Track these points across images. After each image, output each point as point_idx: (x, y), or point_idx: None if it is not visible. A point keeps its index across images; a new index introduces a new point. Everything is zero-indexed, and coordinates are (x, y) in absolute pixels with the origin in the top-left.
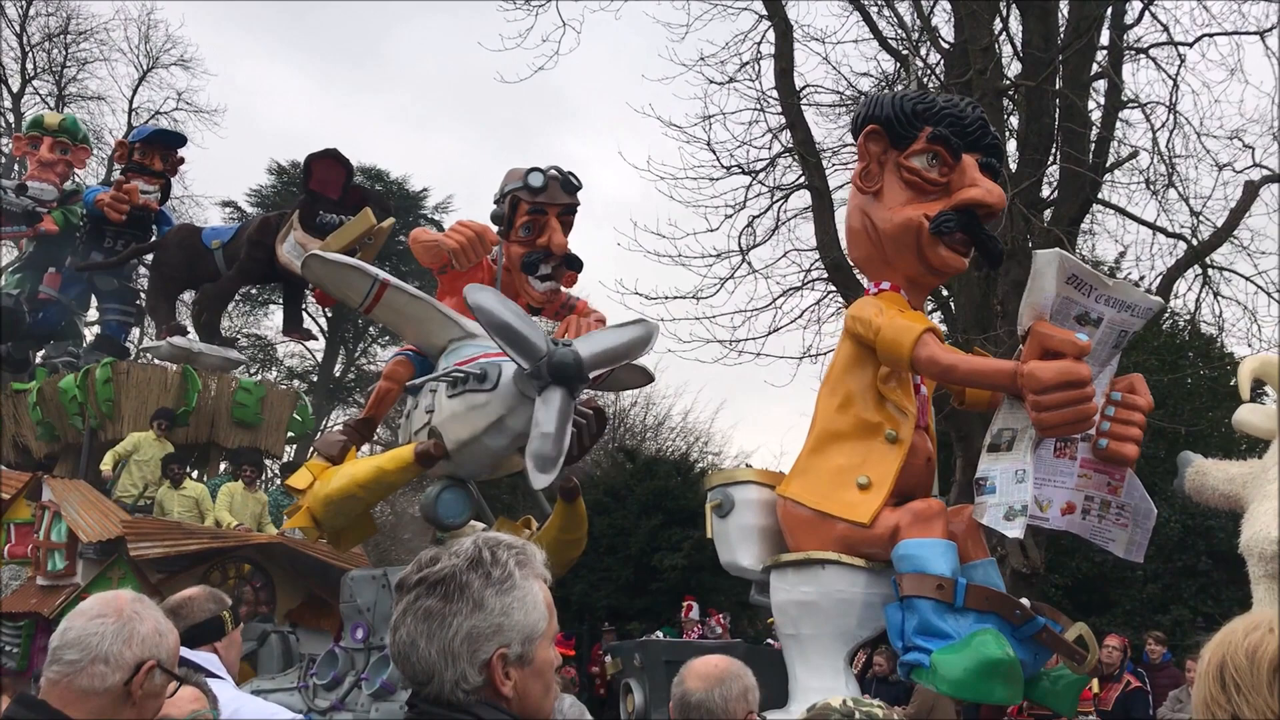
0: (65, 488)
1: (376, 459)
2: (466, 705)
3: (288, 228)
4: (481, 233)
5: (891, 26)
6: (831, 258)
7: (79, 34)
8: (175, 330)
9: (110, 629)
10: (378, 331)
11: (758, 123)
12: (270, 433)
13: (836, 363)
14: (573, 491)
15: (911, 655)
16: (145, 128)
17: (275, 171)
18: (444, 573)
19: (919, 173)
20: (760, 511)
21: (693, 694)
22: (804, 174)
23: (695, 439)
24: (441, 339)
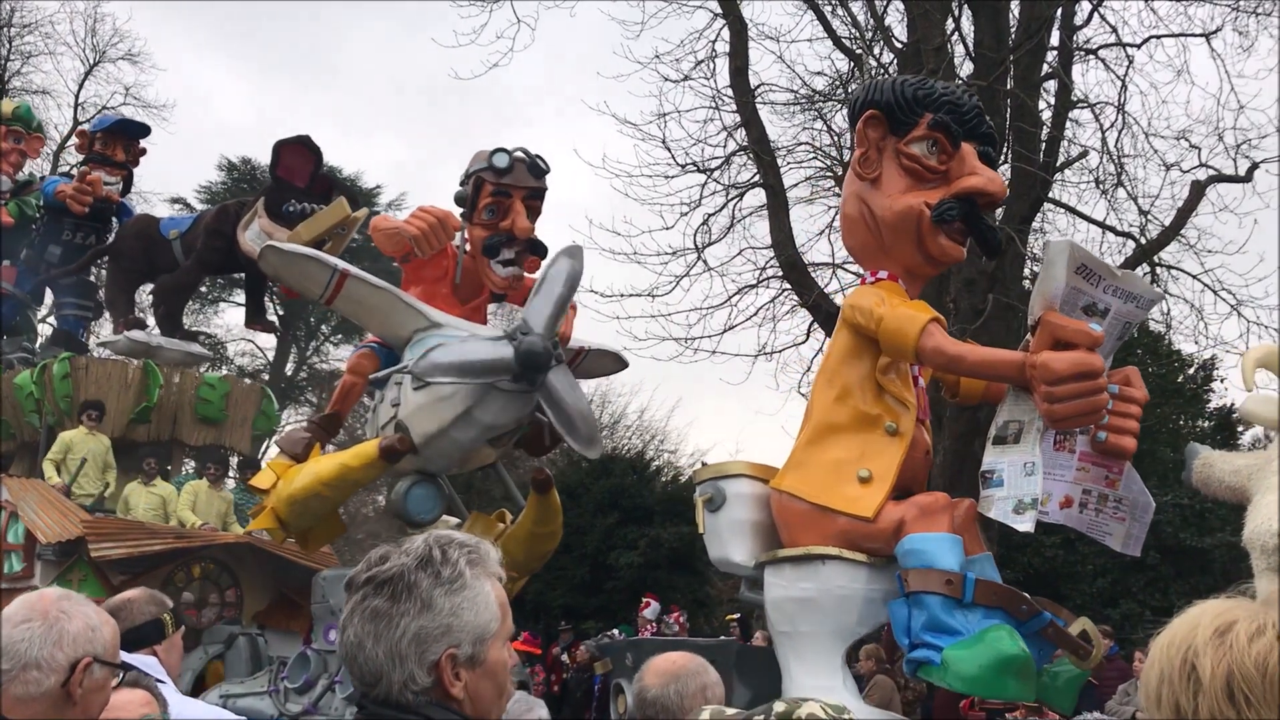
0: (22, 487)
1: (340, 456)
2: (416, 706)
3: (251, 215)
4: (443, 218)
5: (845, 26)
6: (786, 256)
7: (23, 26)
8: (133, 324)
9: (38, 633)
10: (330, 330)
11: (713, 121)
12: (235, 430)
13: (832, 353)
14: (545, 483)
15: (920, 652)
16: (108, 117)
17: (225, 168)
18: (392, 572)
19: (919, 160)
20: (753, 506)
21: (649, 690)
22: (759, 172)
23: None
24: (406, 330)
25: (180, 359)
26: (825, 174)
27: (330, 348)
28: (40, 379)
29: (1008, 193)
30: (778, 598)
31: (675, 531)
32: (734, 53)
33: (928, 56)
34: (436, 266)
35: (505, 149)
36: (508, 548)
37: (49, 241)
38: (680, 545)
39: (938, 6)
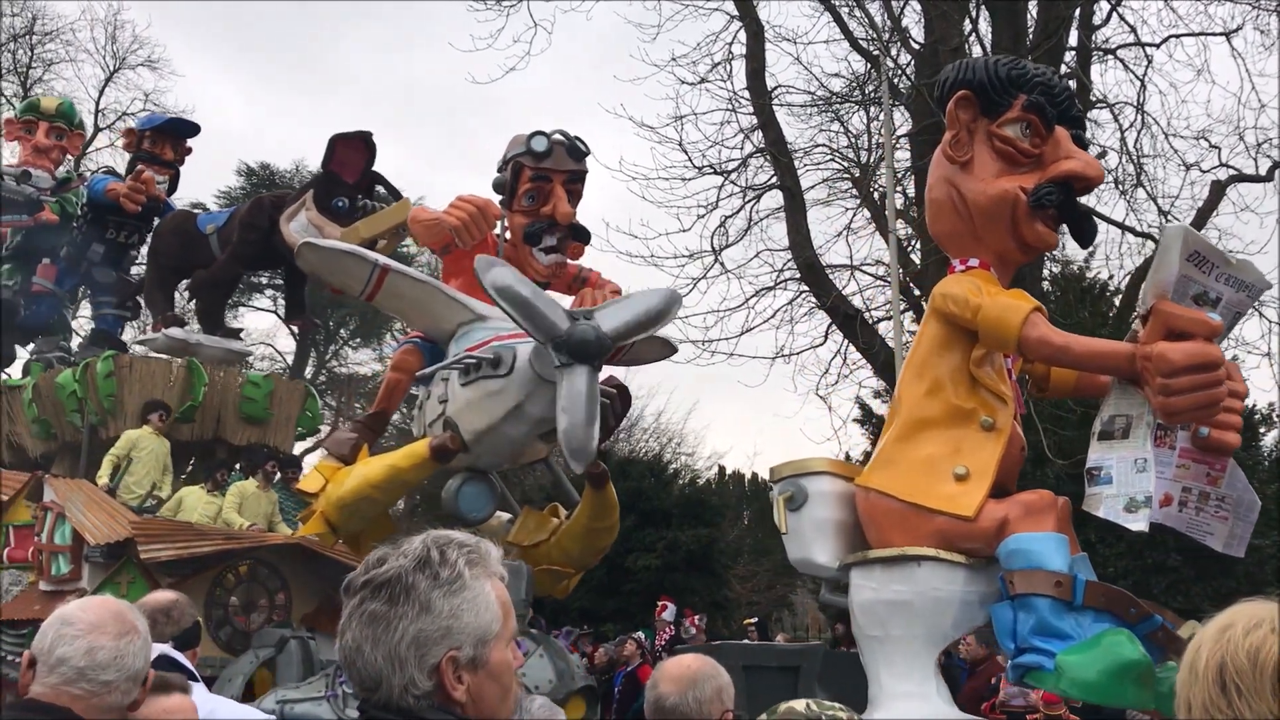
0: (68, 487)
1: (390, 457)
2: (419, 711)
3: (298, 206)
4: (483, 207)
5: (862, 27)
6: (804, 258)
7: (45, 34)
8: (171, 321)
9: (138, 648)
10: (349, 333)
11: (729, 123)
12: (279, 429)
13: (921, 345)
14: (601, 478)
15: (1028, 657)
16: (157, 116)
17: (244, 173)
18: (389, 574)
19: (1012, 142)
20: (836, 504)
21: (667, 698)
22: (776, 174)
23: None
24: (450, 323)
25: (220, 356)
26: (842, 175)
27: (349, 351)
28: (83, 378)
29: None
30: (867, 600)
31: (693, 534)
32: (751, 55)
33: (945, 57)
34: (477, 257)
35: (543, 132)
36: (563, 543)
37: (92, 240)
38: (697, 548)
39: (955, 7)
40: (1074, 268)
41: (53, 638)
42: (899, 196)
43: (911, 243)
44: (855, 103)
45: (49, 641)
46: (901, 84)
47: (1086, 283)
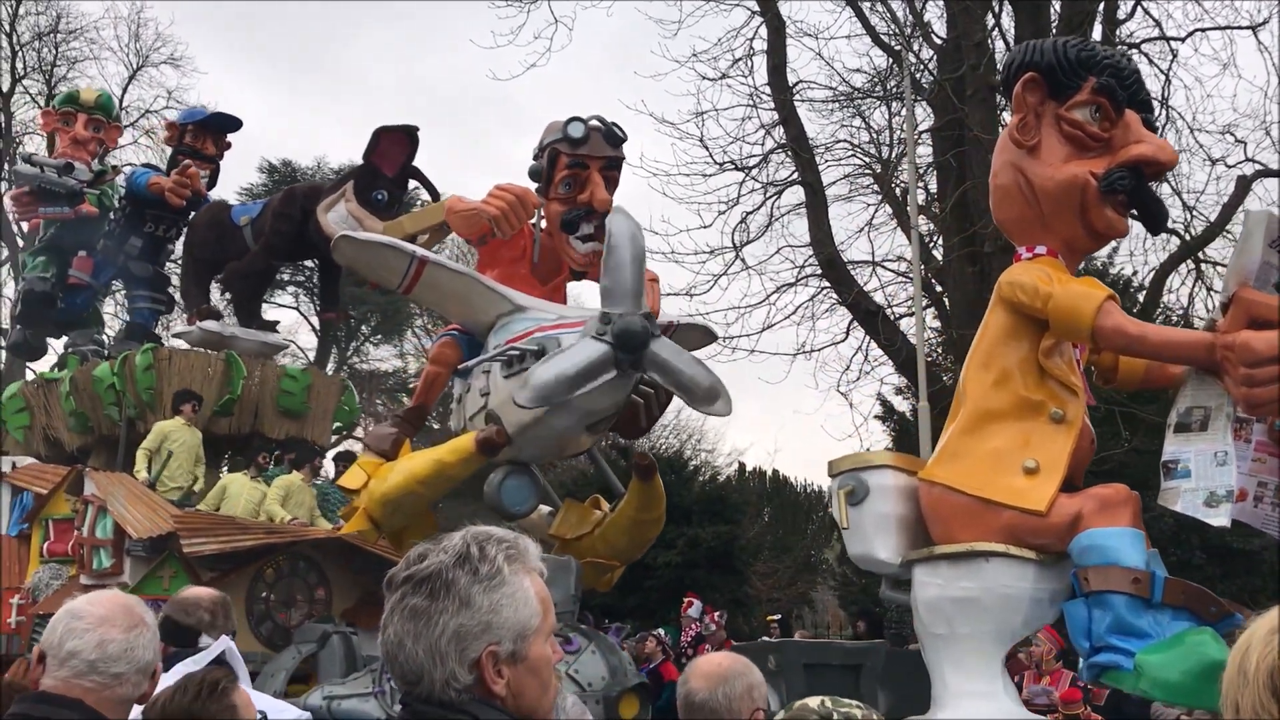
0: (109, 481)
1: (434, 452)
2: (461, 704)
3: (337, 196)
4: (522, 196)
5: (885, 22)
6: (825, 254)
7: (69, 33)
8: (206, 314)
9: (147, 640)
10: (370, 330)
11: (750, 119)
12: (316, 422)
13: (987, 335)
14: (649, 469)
15: (1105, 656)
16: (198, 110)
17: (266, 169)
18: (430, 570)
19: (1081, 126)
20: (898, 499)
21: (696, 694)
22: (797, 170)
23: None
24: (488, 315)
25: (256, 349)
26: (864, 171)
27: (370, 347)
28: (121, 371)
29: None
30: (933, 598)
31: (713, 531)
32: (772, 50)
33: (968, 53)
34: (514, 247)
35: (580, 118)
36: (608, 535)
37: (130, 233)
38: (718, 545)
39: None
40: (1097, 264)
41: (62, 631)
42: (921, 192)
43: (933, 238)
44: (877, 98)
45: (59, 635)
46: (924, 79)
47: (1110, 279)
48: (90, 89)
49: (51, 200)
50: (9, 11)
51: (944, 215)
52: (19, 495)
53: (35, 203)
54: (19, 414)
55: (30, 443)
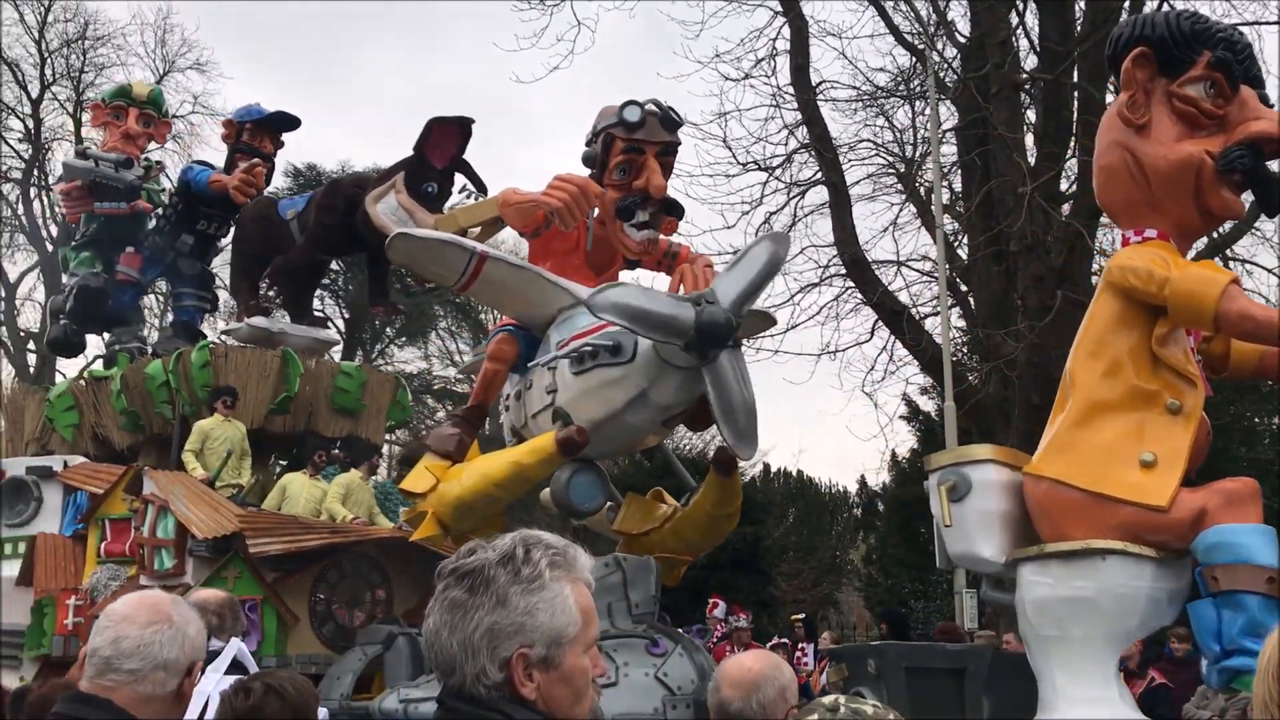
0: (169, 480)
1: (510, 453)
2: (494, 703)
3: (386, 188)
4: (584, 186)
5: (908, 21)
6: (849, 253)
7: (96, 39)
8: (255, 310)
9: (168, 637)
10: (395, 332)
11: (774, 119)
12: (370, 420)
13: (1095, 323)
14: (729, 464)
15: (1239, 660)
16: (255, 108)
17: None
18: (474, 565)
19: (1195, 103)
20: (1002, 495)
21: (731, 704)
22: (821, 170)
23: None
24: (549, 309)
25: (306, 345)
26: (888, 170)
27: (395, 349)
28: (176, 369)
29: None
30: (1043, 598)
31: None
32: (795, 50)
33: (992, 51)
34: (566, 238)
35: (636, 101)
36: (680, 530)
37: (182, 230)
38: (743, 546)
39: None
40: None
41: (93, 631)
42: (945, 191)
43: (958, 237)
44: (900, 97)
45: (91, 636)
46: (947, 78)
47: None
48: (142, 83)
49: (107, 195)
50: (38, 19)
51: (969, 214)
52: (71, 495)
53: (87, 197)
54: (68, 412)
55: (79, 441)
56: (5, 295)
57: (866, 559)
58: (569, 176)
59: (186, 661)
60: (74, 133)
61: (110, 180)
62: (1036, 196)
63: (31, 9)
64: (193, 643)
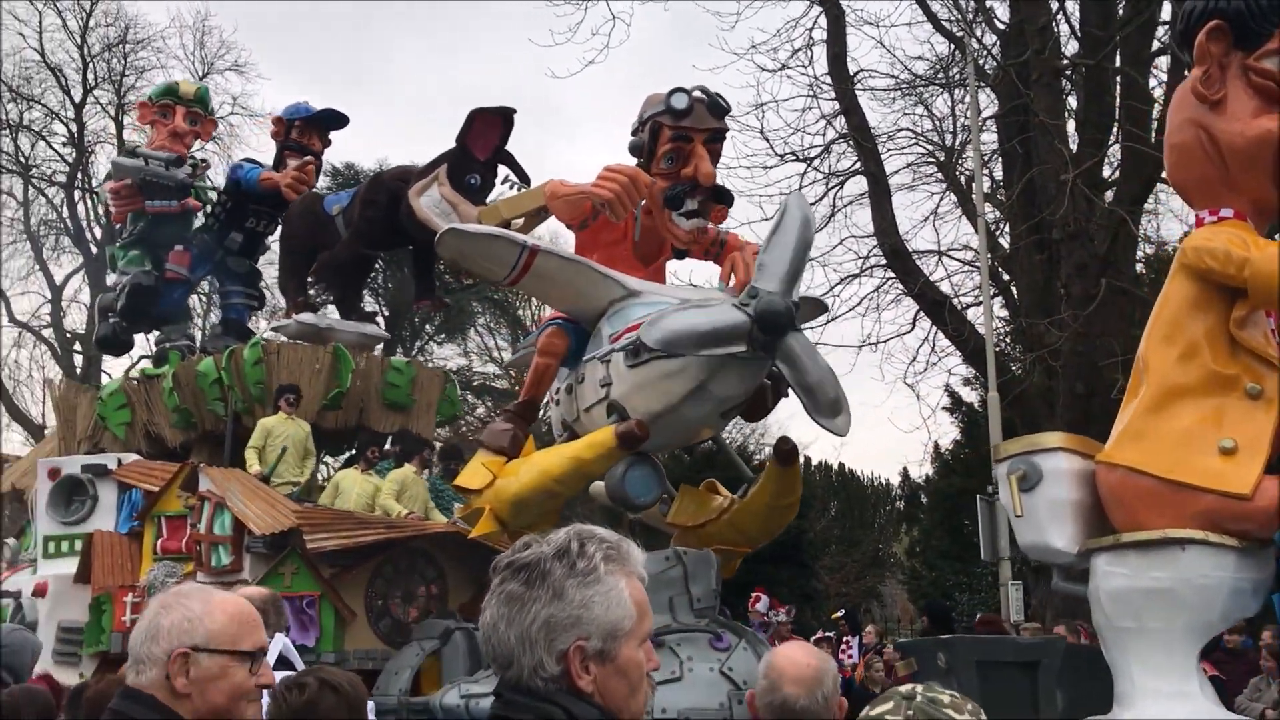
0: (225, 476)
1: (569, 448)
2: (551, 695)
3: (429, 180)
4: (634, 176)
5: (946, 8)
6: (889, 244)
7: (136, 43)
8: (303, 307)
9: (142, 629)
10: (434, 329)
11: (811, 109)
12: (420, 416)
13: (1169, 306)
14: (791, 454)
15: None
16: (304, 106)
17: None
18: (529, 559)
19: (1273, 77)
20: (1074, 483)
21: (796, 700)
22: (859, 160)
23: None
24: (600, 301)
25: (354, 341)
26: (928, 160)
27: (434, 346)
28: (229, 366)
29: None
30: (1119, 589)
31: None
32: (831, 39)
33: (1031, 37)
34: (614, 229)
35: (684, 88)
36: (738, 521)
37: (230, 228)
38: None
39: None
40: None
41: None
42: (986, 179)
43: (1000, 226)
44: (939, 85)
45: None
46: (987, 65)
47: None
48: (188, 81)
49: (158, 193)
50: (80, 24)
51: (1010, 202)
52: (126, 492)
53: (137, 196)
54: (120, 410)
55: (131, 439)
56: (52, 297)
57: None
58: (619, 167)
59: (162, 652)
60: (116, 136)
61: (161, 179)
62: (1079, 183)
63: (74, 14)
64: (168, 632)
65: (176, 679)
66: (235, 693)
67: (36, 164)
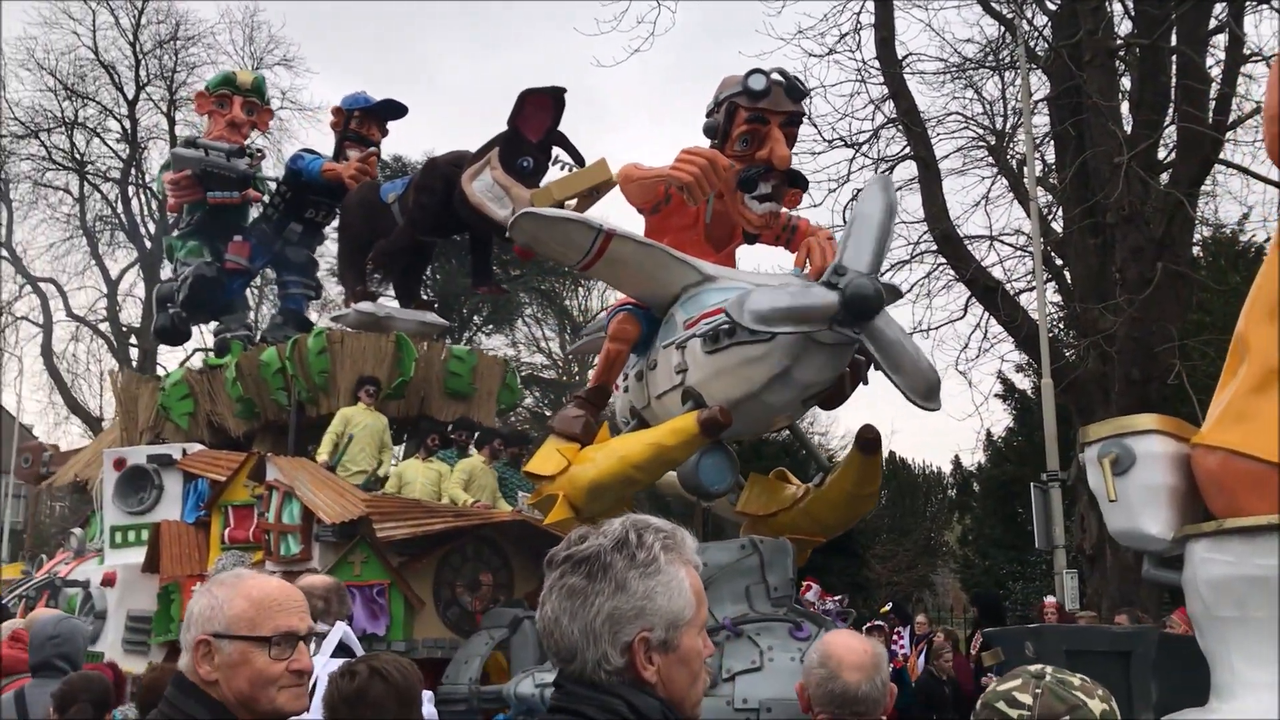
0: (292, 466)
1: (648, 435)
2: (613, 688)
3: (481, 165)
4: (713, 158)
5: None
6: (940, 229)
7: (187, 39)
8: (362, 296)
9: (187, 615)
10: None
11: (859, 94)
12: (481, 404)
13: (1270, 284)
14: (875, 443)
15: None
16: (363, 96)
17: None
18: (589, 551)
19: None
20: (1168, 467)
21: (858, 686)
22: (909, 144)
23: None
24: (675, 287)
25: (414, 329)
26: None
27: (482, 337)
28: (293, 355)
29: None
30: (1220, 576)
31: None
32: (879, 23)
33: (1084, 17)
34: (685, 213)
35: (761, 69)
36: (814, 510)
37: (290, 218)
38: None
39: None
40: (1226, 231)
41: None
42: (1038, 163)
43: (1053, 210)
44: (990, 68)
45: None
46: (1038, 47)
47: (1240, 246)
48: (245, 71)
49: (218, 184)
50: (132, 21)
51: (1063, 186)
52: (192, 482)
53: (195, 186)
54: (183, 401)
55: (194, 429)
56: (107, 291)
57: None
58: (697, 149)
59: (192, 640)
60: (168, 131)
61: (222, 169)
62: (1134, 166)
63: (126, 12)
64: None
65: (200, 666)
66: (258, 679)
67: (91, 160)
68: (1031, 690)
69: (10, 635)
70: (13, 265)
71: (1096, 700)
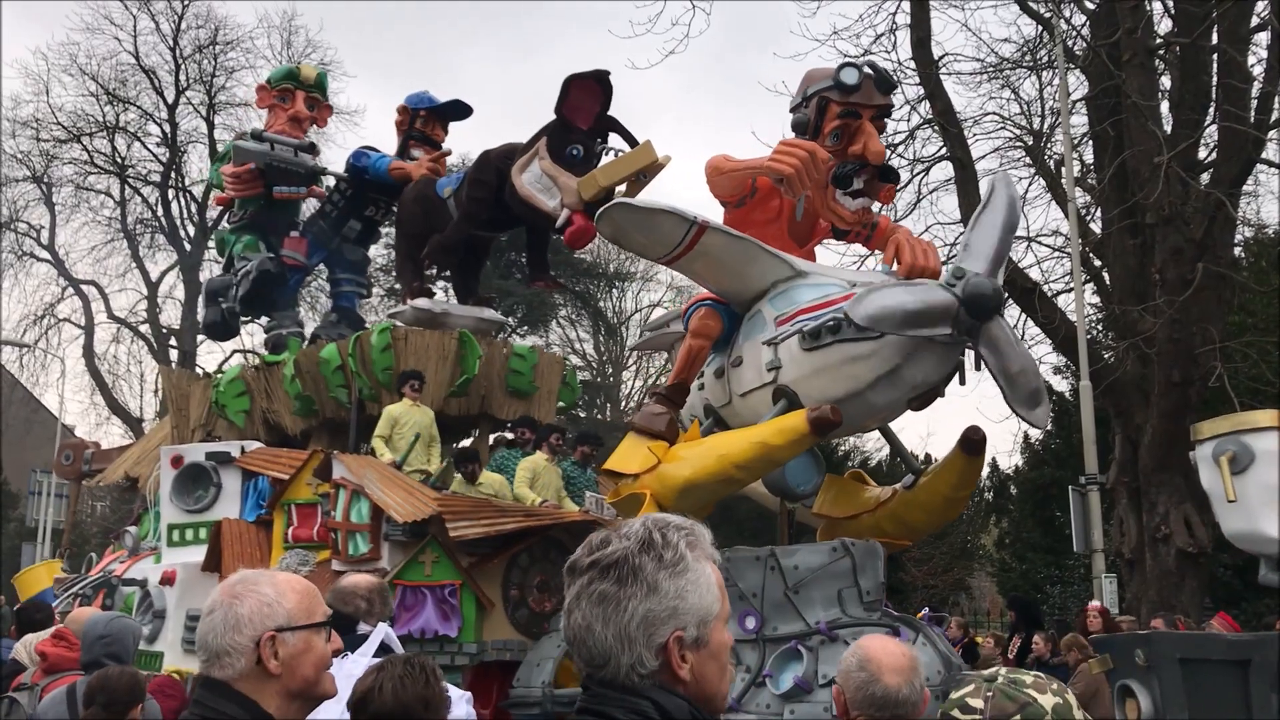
0: (361, 464)
1: (751, 433)
2: (643, 690)
3: (530, 156)
4: (814, 151)
5: None
6: None
7: (226, 44)
8: (419, 292)
9: (218, 623)
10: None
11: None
12: (542, 402)
13: None
14: (981, 444)
15: None
16: (428, 96)
17: None
18: (615, 556)
19: None
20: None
21: (898, 690)
22: (945, 145)
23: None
24: (763, 282)
25: (471, 326)
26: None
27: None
28: (355, 352)
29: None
30: None
31: None
32: (915, 24)
33: (1123, 15)
34: (768, 207)
35: (853, 62)
36: (901, 513)
37: (349, 215)
38: None
39: None
40: (1268, 232)
41: None
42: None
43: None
44: (1027, 68)
45: None
46: (1076, 46)
47: None
48: (309, 65)
49: (283, 179)
50: (172, 27)
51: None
52: (251, 480)
53: (256, 180)
54: (239, 398)
55: (249, 427)
56: (148, 293)
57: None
58: (798, 142)
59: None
60: (208, 135)
61: (289, 164)
62: (1174, 166)
63: (167, 18)
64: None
65: (269, 661)
66: (320, 662)
67: (132, 164)
68: (983, 694)
69: (54, 633)
70: (55, 268)
71: (1049, 695)
